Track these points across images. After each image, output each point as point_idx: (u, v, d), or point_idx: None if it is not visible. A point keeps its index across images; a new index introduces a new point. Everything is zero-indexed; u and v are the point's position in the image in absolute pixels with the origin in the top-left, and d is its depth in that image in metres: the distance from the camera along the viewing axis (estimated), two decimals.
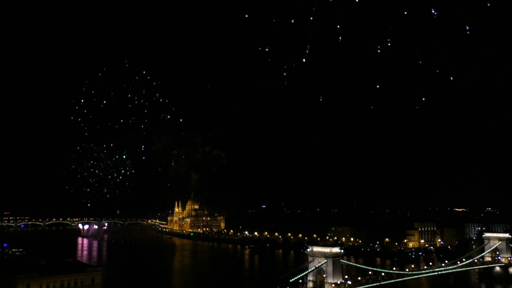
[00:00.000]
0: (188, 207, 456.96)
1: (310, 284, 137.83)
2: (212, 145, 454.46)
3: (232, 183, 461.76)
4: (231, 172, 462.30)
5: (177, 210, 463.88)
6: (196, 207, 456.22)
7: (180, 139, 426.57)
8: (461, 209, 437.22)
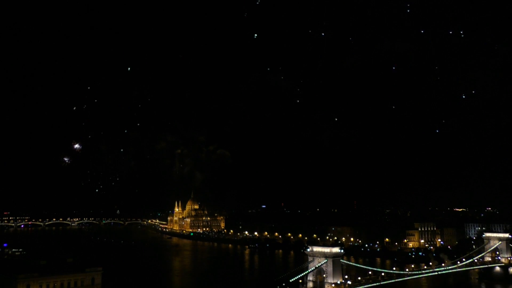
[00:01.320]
0: (188, 207, 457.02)
1: (310, 284, 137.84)
2: (216, 144, 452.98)
3: (235, 182, 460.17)
4: (233, 172, 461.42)
5: (177, 210, 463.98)
6: (196, 207, 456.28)
7: (184, 138, 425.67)
8: (461, 209, 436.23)
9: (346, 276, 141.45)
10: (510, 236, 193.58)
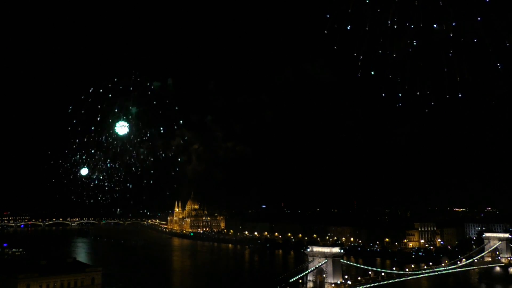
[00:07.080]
0: (188, 207, 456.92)
1: (310, 284, 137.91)
2: (233, 141, 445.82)
3: (255, 180, 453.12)
4: (254, 169, 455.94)
5: (177, 210, 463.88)
6: (196, 207, 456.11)
7: (202, 134, 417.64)
8: (461, 209, 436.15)
9: (346, 276, 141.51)
10: (510, 236, 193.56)
